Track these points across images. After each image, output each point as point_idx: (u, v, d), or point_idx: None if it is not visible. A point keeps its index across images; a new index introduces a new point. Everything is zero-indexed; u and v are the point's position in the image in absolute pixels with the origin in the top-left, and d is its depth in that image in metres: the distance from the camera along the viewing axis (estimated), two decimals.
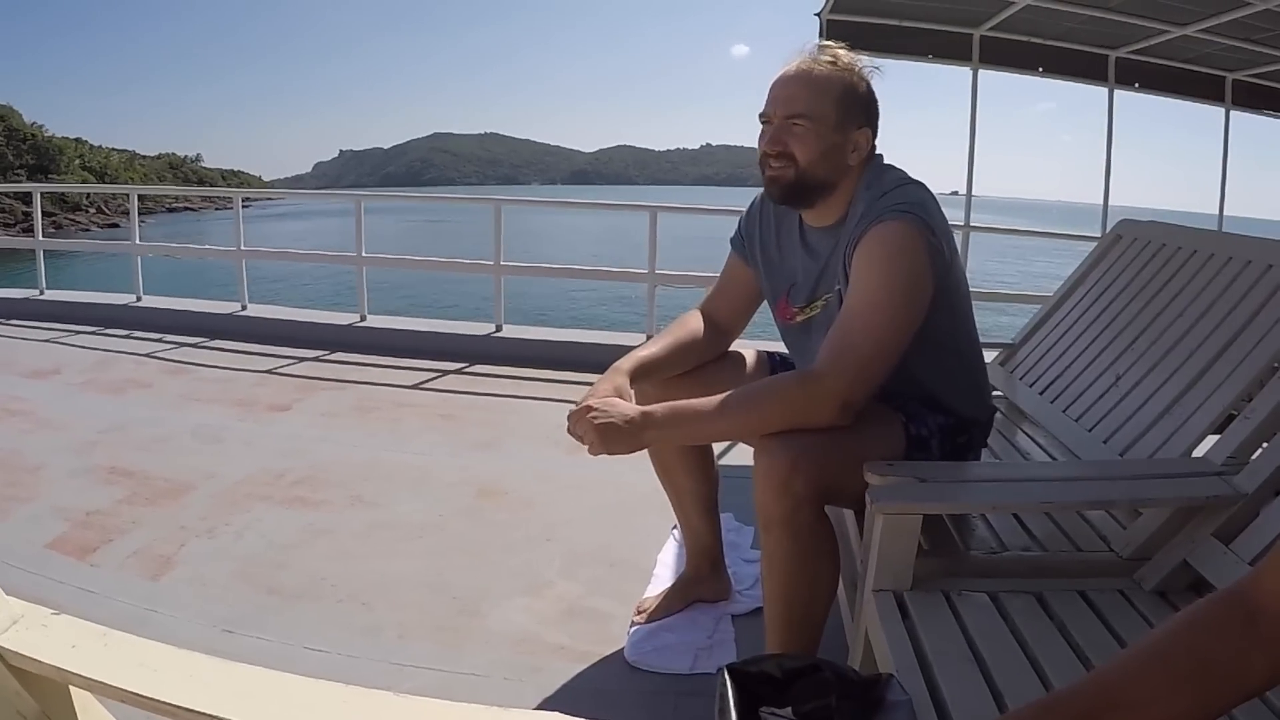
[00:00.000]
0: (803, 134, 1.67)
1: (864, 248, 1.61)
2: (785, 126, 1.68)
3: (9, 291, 6.70)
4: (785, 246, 1.88)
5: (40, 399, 4.17)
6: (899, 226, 1.59)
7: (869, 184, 1.71)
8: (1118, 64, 5.52)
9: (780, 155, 1.69)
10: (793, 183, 1.70)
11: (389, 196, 27.25)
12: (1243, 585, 0.76)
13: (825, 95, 1.67)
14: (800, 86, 1.67)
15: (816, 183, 1.70)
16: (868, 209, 1.65)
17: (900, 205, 1.62)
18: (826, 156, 1.68)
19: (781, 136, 1.68)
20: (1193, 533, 1.54)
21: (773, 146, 1.69)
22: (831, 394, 1.56)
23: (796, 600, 1.64)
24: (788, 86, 1.69)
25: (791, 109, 1.67)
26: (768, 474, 1.55)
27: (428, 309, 11.80)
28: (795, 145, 1.67)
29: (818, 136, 1.67)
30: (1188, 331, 2.03)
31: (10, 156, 68.37)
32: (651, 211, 5.41)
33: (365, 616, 2.25)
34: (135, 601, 2.29)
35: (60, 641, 0.75)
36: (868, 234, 1.61)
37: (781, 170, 1.70)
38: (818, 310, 1.80)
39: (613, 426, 1.63)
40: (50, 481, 3.11)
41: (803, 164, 1.68)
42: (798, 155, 1.68)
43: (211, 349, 5.38)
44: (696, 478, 2.13)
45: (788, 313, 1.88)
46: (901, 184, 1.68)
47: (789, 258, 1.88)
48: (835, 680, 0.93)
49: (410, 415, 4.06)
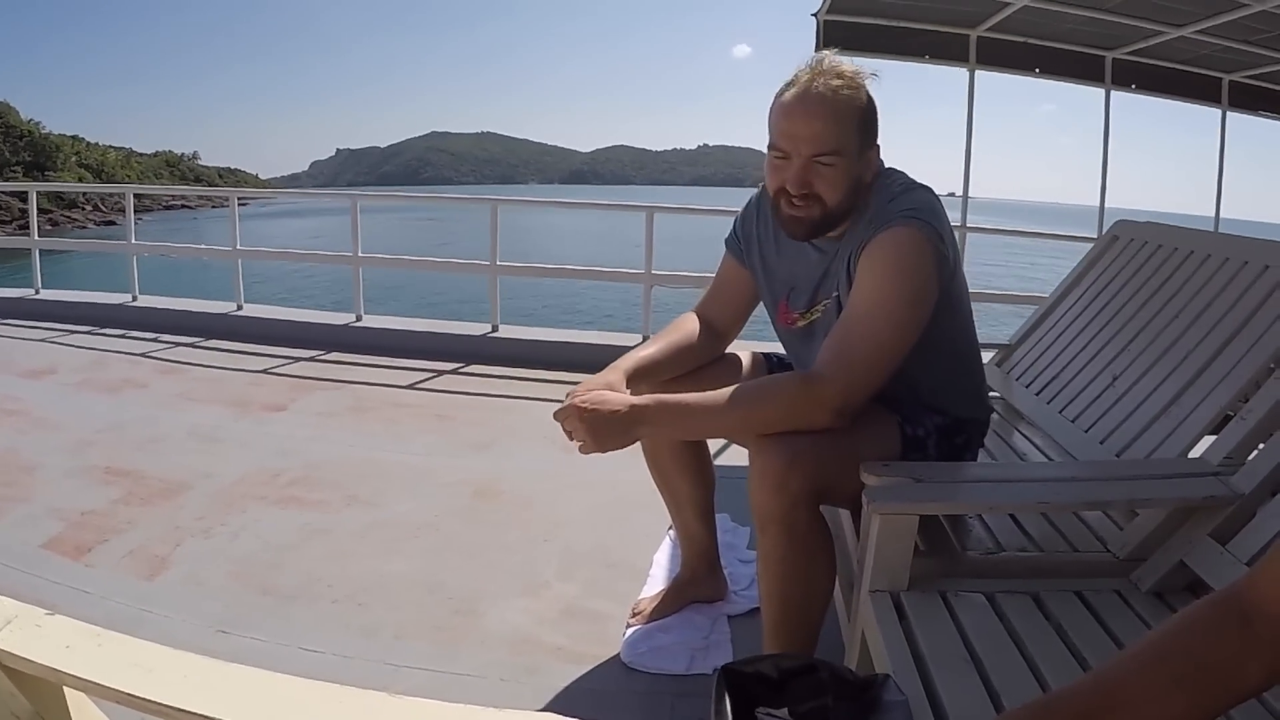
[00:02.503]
0: (831, 174, 1.60)
1: (871, 252, 1.60)
2: (810, 166, 1.59)
3: (4, 291, 6.68)
4: (784, 248, 1.85)
5: (35, 399, 4.16)
6: (907, 233, 1.57)
7: (877, 189, 1.69)
8: (1114, 65, 5.53)
9: (805, 196, 1.61)
10: (818, 222, 1.65)
11: (386, 196, 27.21)
12: (1238, 587, 0.76)
13: (847, 125, 1.59)
14: (825, 121, 1.58)
15: (841, 216, 1.66)
16: (876, 213, 1.64)
17: (909, 211, 1.60)
18: (852, 189, 1.64)
19: (807, 178, 1.60)
20: (1189, 533, 1.54)
21: (799, 189, 1.61)
22: (830, 397, 1.56)
23: (793, 600, 1.64)
24: (811, 123, 1.58)
25: (818, 147, 1.58)
26: (764, 473, 1.54)
27: (424, 309, 11.80)
28: (822, 186, 1.60)
29: (845, 172, 1.61)
30: (1184, 332, 2.03)
31: (7, 153, 68.31)
32: (648, 211, 5.41)
33: (361, 617, 2.25)
34: (130, 601, 2.28)
35: (54, 642, 0.74)
36: (875, 238, 1.59)
37: (806, 211, 1.63)
38: (818, 315, 1.79)
39: (602, 419, 1.60)
40: (45, 481, 3.11)
41: (830, 204, 1.62)
42: (825, 196, 1.61)
43: (207, 349, 5.37)
44: (692, 480, 2.12)
45: (788, 318, 1.85)
46: (908, 189, 1.67)
47: (788, 260, 1.84)
48: (832, 680, 0.93)
49: (406, 415, 4.05)
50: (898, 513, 1.49)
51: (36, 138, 73.23)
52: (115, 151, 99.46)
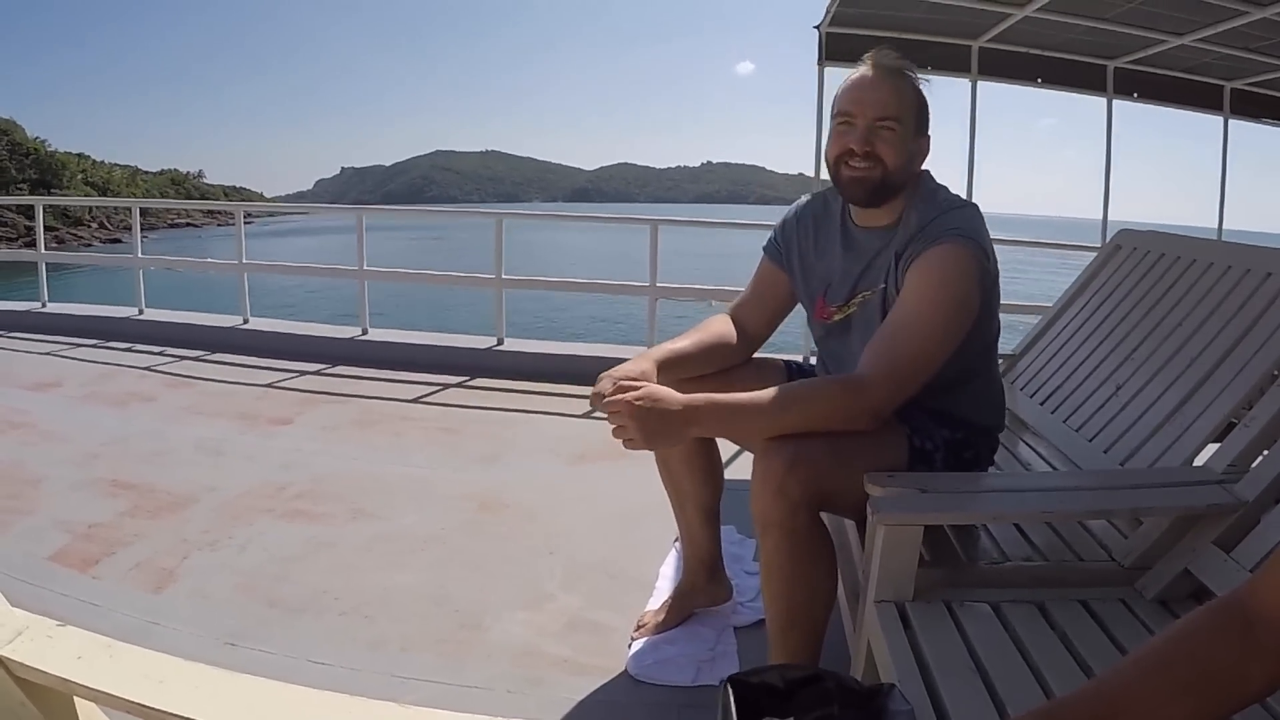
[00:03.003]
0: (891, 138, 1.70)
1: (923, 265, 1.66)
2: (874, 129, 1.70)
3: (11, 304, 6.71)
4: (823, 248, 1.92)
5: (42, 411, 4.17)
6: (959, 250, 1.64)
7: (924, 195, 1.77)
8: (1116, 74, 5.54)
9: (868, 156, 1.71)
10: (878, 184, 1.73)
11: (391, 210, 27.28)
12: (1240, 593, 0.77)
13: (907, 101, 1.72)
14: (889, 91, 1.70)
15: (896, 185, 1.74)
16: (927, 224, 1.69)
17: (960, 229, 1.66)
18: (907, 162, 1.74)
19: (871, 139, 1.70)
20: (1194, 541, 1.54)
21: (863, 146, 1.70)
22: (874, 400, 1.61)
23: (796, 604, 1.66)
24: (878, 89, 1.71)
25: (882, 112, 1.70)
26: (764, 477, 1.57)
27: (429, 323, 11.82)
28: (883, 148, 1.70)
29: (902, 141, 1.71)
30: (1187, 340, 2.03)
31: (13, 171, 68.56)
32: (652, 225, 5.41)
33: (367, 629, 2.25)
34: (137, 614, 2.29)
35: (65, 653, 0.75)
36: (929, 252, 1.65)
37: (868, 171, 1.71)
38: (855, 308, 1.83)
39: (656, 416, 1.60)
40: (52, 494, 3.12)
41: (890, 166, 1.71)
42: (885, 158, 1.70)
43: (213, 362, 5.38)
44: (700, 481, 2.13)
45: (825, 312, 1.90)
46: (958, 206, 1.74)
47: (826, 258, 1.91)
48: (837, 690, 0.93)
49: (412, 429, 4.06)
50: (902, 523, 1.50)
51: (42, 155, 73.52)
52: (121, 169, 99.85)
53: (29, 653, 0.75)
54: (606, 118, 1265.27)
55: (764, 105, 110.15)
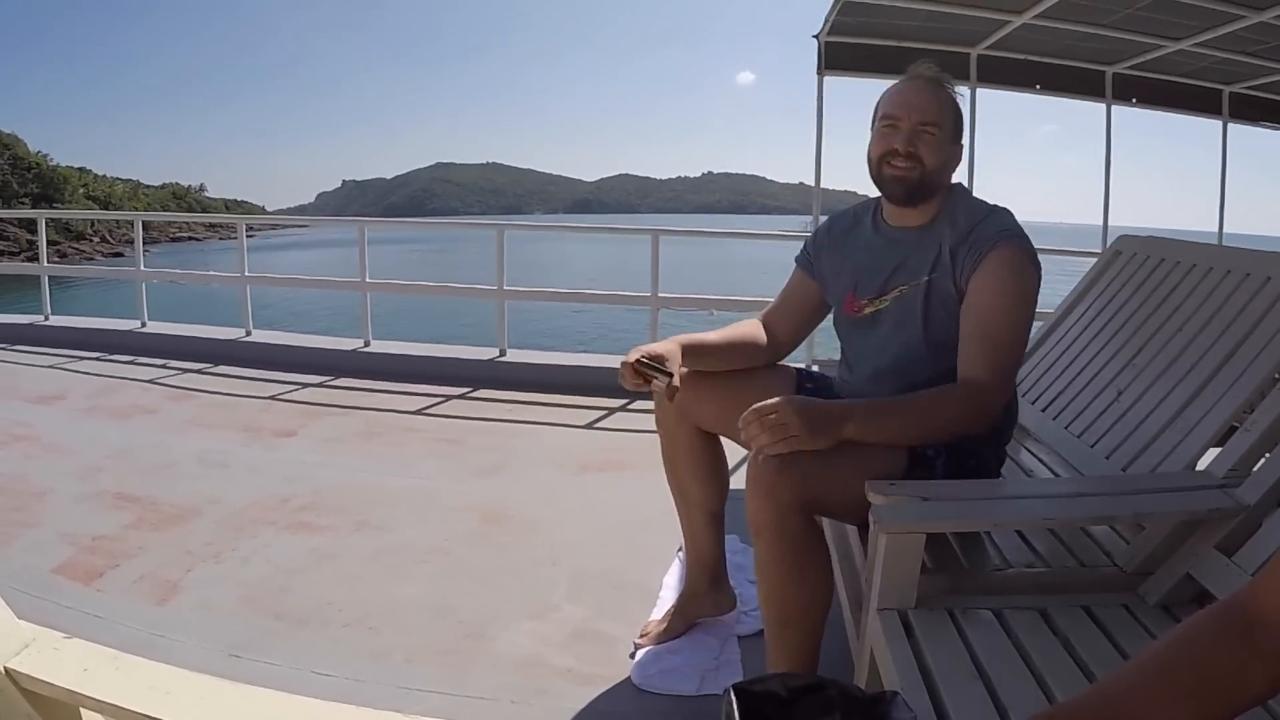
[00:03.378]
0: (931, 141, 1.81)
1: (994, 267, 1.75)
2: (918, 132, 1.81)
3: (14, 317, 6.73)
4: (853, 249, 2.01)
5: (45, 424, 4.18)
6: (1020, 252, 1.76)
7: (965, 200, 1.89)
8: (1115, 79, 5.55)
9: (910, 156, 1.81)
10: (917, 183, 1.83)
11: (392, 222, 27.31)
12: (1240, 597, 0.77)
13: (947, 108, 1.84)
14: (932, 97, 1.82)
15: (933, 186, 1.85)
16: (977, 225, 1.80)
17: (1012, 230, 1.79)
18: (944, 165, 1.85)
19: (914, 139, 1.81)
20: (1196, 546, 1.54)
21: (906, 147, 1.80)
22: (993, 399, 1.74)
23: (790, 605, 1.69)
24: (921, 95, 1.82)
25: (926, 116, 1.80)
26: (756, 481, 1.63)
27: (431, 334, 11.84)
28: (924, 150, 1.81)
29: (941, 145, 1.82)
30: (1188, 345, 2.04)
31: (15, 185, 68.70)
32: (653, 235, 5.42)
33: (372, 641, 2.26)
34: (142, 627, 2.29)
35: (72, 665, 0.76)
36: (995, 253, 1.75)
37: (908, 170, 1.82)
38: (888, 303, 1.90)
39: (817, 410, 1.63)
40: (56, 507, 3.12)
41: (929, 167, 1.81)
42: (925, 159, 1.81)
43: (216, 375, 5.39)
44: (705, 482, 2.14)
45: (855, 305, 1.97)
46: (997, 209, 1.85)
47: (857, 256, 2.00)
48: (840, 698, 0.93)
49: (415, 440, 4.07)
50: (904, 531, 1.50)
51: (44, 169, 73.70)
52: (123, 183, 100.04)
53: (36, 665, 0.75)
54: (607, 129, 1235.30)
55: (765, 115, 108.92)
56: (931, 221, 1.87)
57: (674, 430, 2.11)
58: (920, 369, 1.85)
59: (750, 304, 6.80)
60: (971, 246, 1.77)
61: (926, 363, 1.85)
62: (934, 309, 1.83)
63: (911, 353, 1.87)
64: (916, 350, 1.86)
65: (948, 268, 1.81)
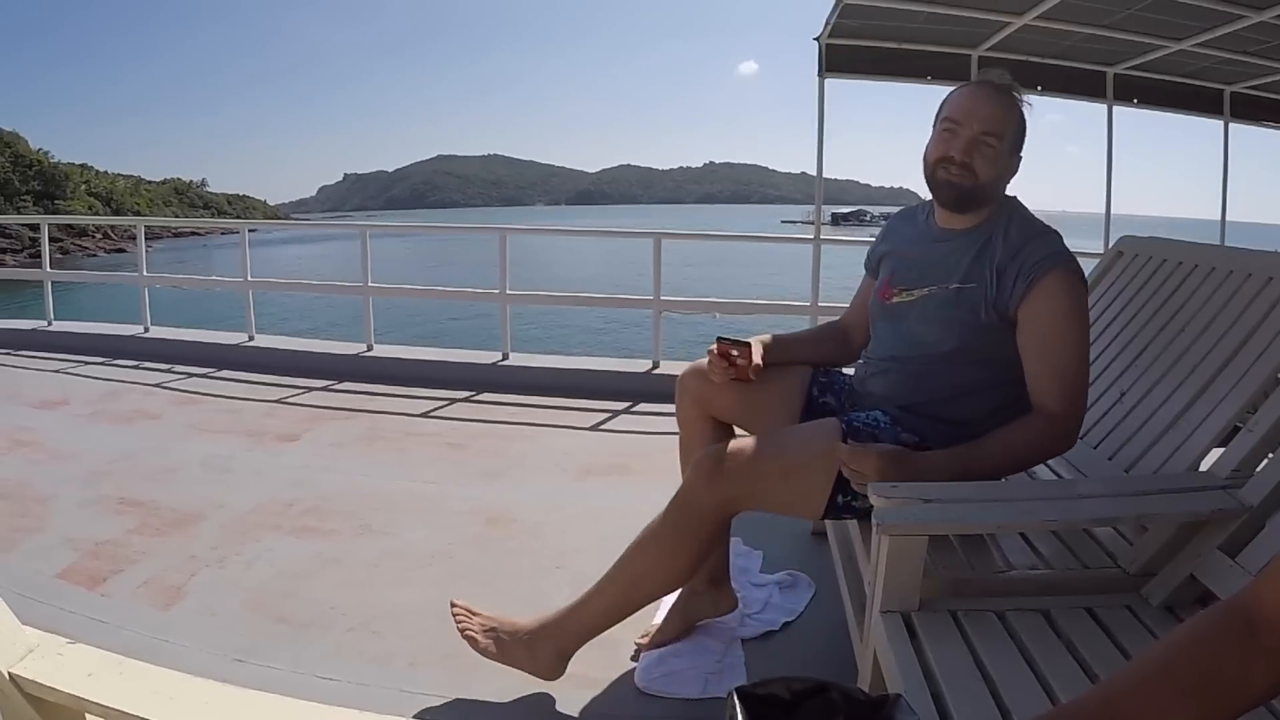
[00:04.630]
0: (989, 153, 1.81)
1: (1054, 296, 1.75)
2: (977, 141, 1.80)
3: (17, 323, 6.74)
4: (904, 239, 2.07)
5: (49, 429, 4.19)
6: (1075, 278, 1.77)
7: (1011, 210, 1.88)
8: (1116, 80, 5.54)
9: (964, 165, 1.81)
10: (968, 192, 1.84)
11: (396, 227, 27.27)
12: (1243, 597, 0.77)
13: (1010, 120, 1.83)
14: (996, 106, 1.81)
15: (984, 198, 1.86)
16: (1028, 243, 1.79)
17: (1067, 255, 1.78)
18: (999, 177, 1.85)
19: (972, 149, 1.80)
20: (1199, 547, 1.54)
21: (963, 156, 1.80)
22: (1074, 427, 1.76)
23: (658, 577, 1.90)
24: (987, 104, 1.81)
25: (988, 126, 1.80)
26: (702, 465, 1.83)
27: (434, 339, 11.86)
28: (979, 161, 1.81)
29: (998, 157, 1.82)
30: (1190, 346, 2.03)
31: (17, 183, 68.88)
32: (655, 239, 5.42)
33: (376, 645, 2.26)
34: (146, 631, 2.30)
35: (76, 670, 0.76)
36: (1050, 279, 1.75)
37: (961, 178, 1.82)
38: (914, 298, 1.93)
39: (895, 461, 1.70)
40: (60, 512, 3.13)
41: (982, 179, 1.82)
42: (979, 171, 1.81)
43: (220, 379, 5.40)
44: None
45: (887, 292, 2.01)
46: (1049, 230, 1.84)
47: (903, 247, 2.05)
48: (843, 701, 0.93)
49: (418, 444, 4.07)
50: (907, 533, 1.50)
51: (46, 167, 73.91)
52: (124, 179, 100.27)
53: (40, 670, 0.75)
54: (609, 120, 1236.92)
55: (767, 105, 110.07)
56: (978, 229, 1.87)
57: (691, 419, 2.19)
58: (935, 369, 1.87)
59: (754, 307, 6.80)
60: (1021, 269, 1.77)
61: (941, 365, 1.86)
62: (960, 316, 1.83)
63: (929, 352, 1.88)
64: (934, 350, 1.87)
65: (988, 283, 1.80)
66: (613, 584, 1.91)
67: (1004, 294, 1.78)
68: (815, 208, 5.58)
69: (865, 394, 2.02)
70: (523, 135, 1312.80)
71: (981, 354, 1.83)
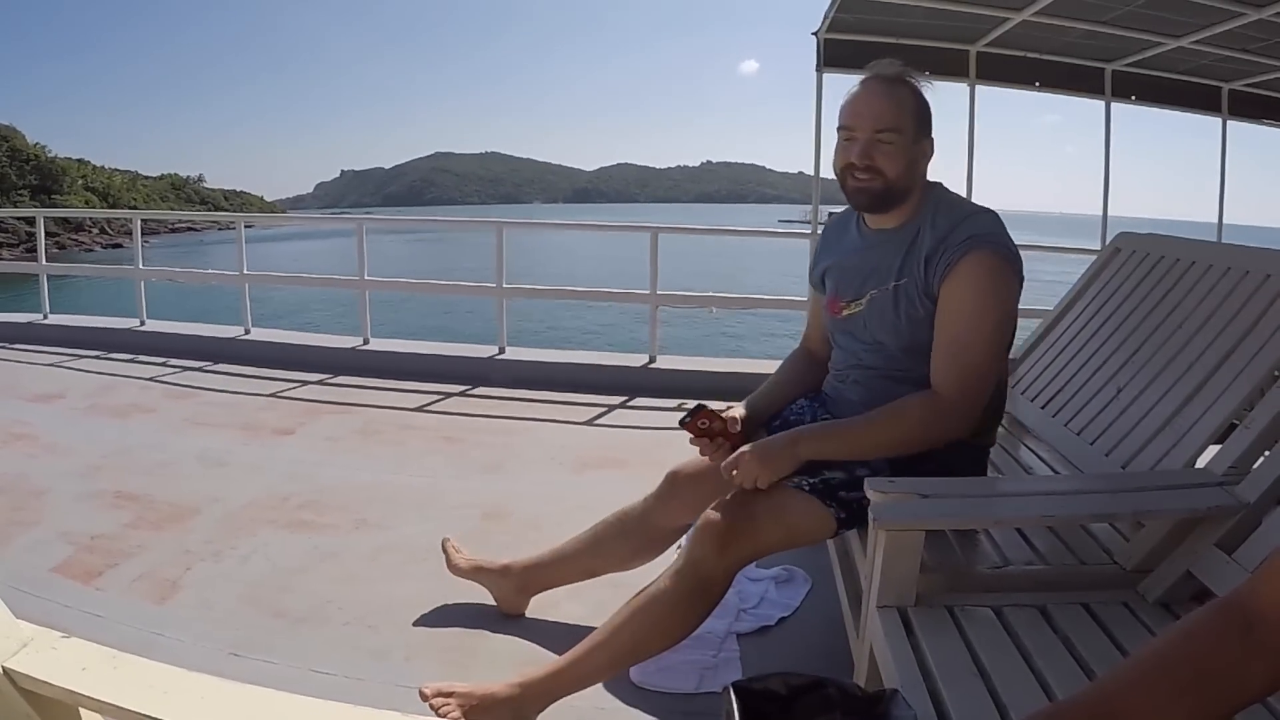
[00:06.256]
0: (889, 150, 1.76)
1: (964, 275, 1.72)
2: (873, 142, 1.77)
3: (13, 316, 6.72)
4: (840, 250, 2.01)
5: (44, 423, 4.18)
6: (995, 258, 1.71)
7: (937, 199, 1.84)
8: (1114, 77, 5.55)
9: (868, 169, 1.78)
10: (880, 193, 1.80)
11: (392, 220, 27.25)
12: (1239, 594, 0.77)
13: (905, 109, 1.78)
14: (884, 102, 1.76)
15: (900, 192, 1.81)
16: (955, 228, 1.76)
17: (990, 236, 1.73)
18: (909, 168, 1.80)
19: (870, 152, 1.77)
20: (1195, 543, 1.55)
21: (863, 160, 1.77)
22: (961, 416, 1.73)
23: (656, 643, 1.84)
24: (872, 103, 1.77)
25: (879, 124, 1.76)
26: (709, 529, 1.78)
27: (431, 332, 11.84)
28: (882, 160, 1.77)
29: (902, 150, 1.77)
30: (1188, 342, 2.04)
31: (14, 177, 68.69)
32: (652, 233, 5.42)
33: (372, 639, 2.26)
34: (141, 625, 2.29)
35: (70, 664, 0.75)
36: (966, 261, 1.71)
37: (869, 182, 1.79)
38: (861, 306, 1.90)
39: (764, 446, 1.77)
40: (55, 506, 3.12)
41: (890, 176, 1.78)
42: (885, 170, 1.77)
43: (215, 373, 5.39)
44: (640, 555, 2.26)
45: (835, 307, 1.98)
46: (978, 211, 1.80)
47: (842, 258, 2.00)
48: (840, 697, 0.93)
49: (414, 438, 4.06)
50: (903, 529, 1.50)
51: (43, 161, 73.74)
52: (121, 174, 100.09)
53: (34, 664, 0.75)
54: (607, 118, 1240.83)
55: (768, 105, 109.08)
56: (906, 226, 1.84)
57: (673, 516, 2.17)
58: (898, 372, 1.86)
59: (750, 301, 6.80)
60: (944, 253, 1.74)
61: (903, 366, 1.85)
62: (902, 314, 1.81)
63: (887, 356, 1.87)
64: (892, 353, 1.86)
65: (918, 273, 1.78)
66: (611, 643, 1.84)
67: (930, 279, 1.76)
68: (813, 203, 5.58)
69: (845, 403, 1.97)
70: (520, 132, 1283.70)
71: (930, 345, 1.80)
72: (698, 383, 4.92)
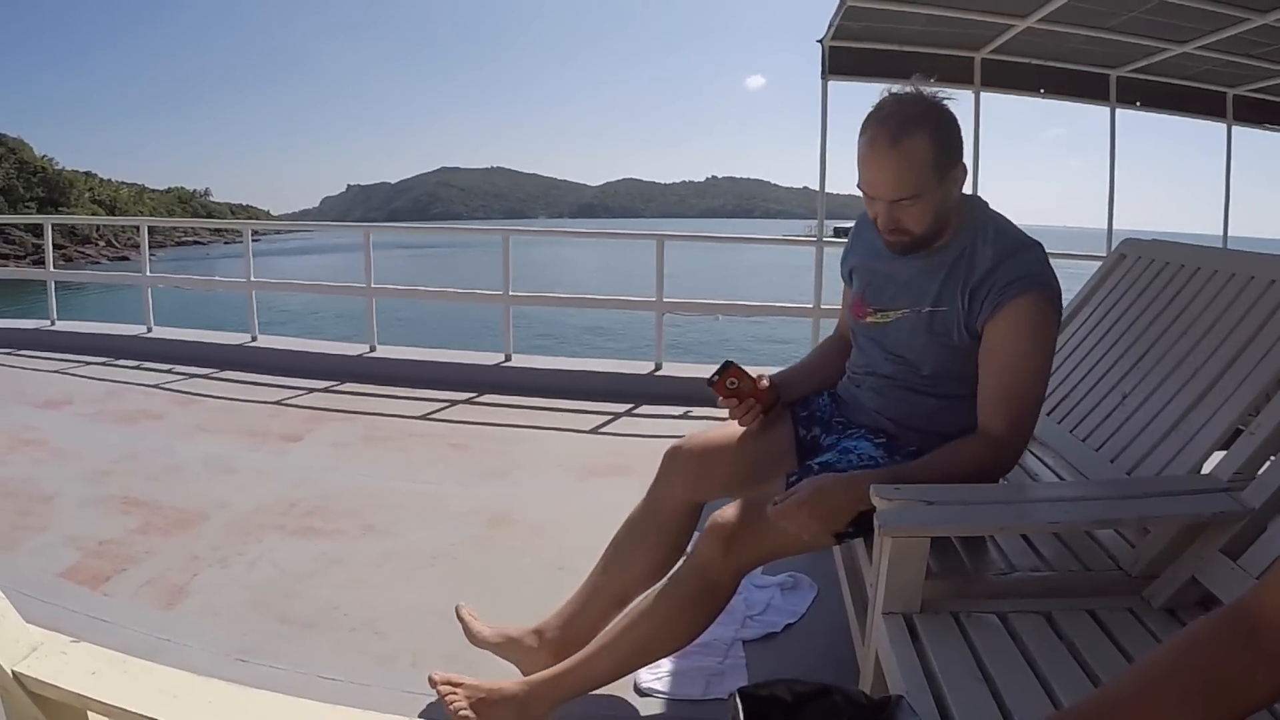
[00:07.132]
0: (914, 211, 1.72)
1: (1014, 320, 1.69)
2: (893, 209, 1.72)
3: (21, 322, 6.75)
4: (870, 252, 1.96)
5: (52, 429, 4.19)
6: (1044, 302, 1.69)
7: (981, 221, 1.80)
8: (1119, 83, 5.55)
9: (894, 231, 1.75)
10: (911, 245, 1.77)
11: (399, 227, 27.23)
12: (1244, 601, 0.77)
13: (919, 167, 1.67)
14: (897, 169, 1.68)
15: (933, 236, 1.78)
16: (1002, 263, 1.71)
17: (1040, 276, 1.70)
18: (938, 216, 1.75)
19: (894, 216, 1.73)
20: (1200, 549, 1.54)
21: (888, 227, 1.75)
22: (1014, 454, 1.75)
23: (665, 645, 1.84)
24: (886, 170, 1.69)
25: (896, 194, 1.70)
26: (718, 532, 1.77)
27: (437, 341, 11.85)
28: (909, 221, 1.73)
29: (927, 207, 1.72)
30: (1193, 348, 2.03)
31: (21, 189, 68.96)
32: (658, 240, 5.43)
33: (378, 645, 2.26)
34: (148, 631, 2.30)
35: (80, 668, 0.76)
36: (1016, 303, 1.68)
37: (899, 239, 1.77)
38: (889, 320, 1.88)
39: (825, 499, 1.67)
40: (63, 511, 3.13)
41: (919, 233, 1.75)
42: (912, 229, 1.74)
43: (222, 380, 5.40)
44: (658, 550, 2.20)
45: (860, 310, 1.96)
46: (1027, 245, 1.75)
47: (872, 261, 1.95)
48: (845, 704, 0.93)
49: (421, 445, 4.07)
50: (909, 535, 1.50)
51: (50, 174, 74.05)
52: (128, 187, 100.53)
53: (44, 669, 0.76)
54: (611, 134, 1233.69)
55: (775, 120, 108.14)
56: (948, 246, 1.79)
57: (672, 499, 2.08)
58: (918, 387, 1.85)
59: (756, 309, 6.80)
60: (992, 290, 1.70)
61: (924, 383, 1.84)
62: (936, 340, 1.79)
63: (909, 370, 1.86)
64: (914, 373, 1.85)
65: (960, 304, 1.74)
66: (617, 645, 1.82)
67: (974, 314, 1.73)
68: (819, 211, 5.58)
69: (856, 405, 1.97)
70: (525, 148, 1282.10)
71: (960, 372, 1.78)
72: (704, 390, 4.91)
